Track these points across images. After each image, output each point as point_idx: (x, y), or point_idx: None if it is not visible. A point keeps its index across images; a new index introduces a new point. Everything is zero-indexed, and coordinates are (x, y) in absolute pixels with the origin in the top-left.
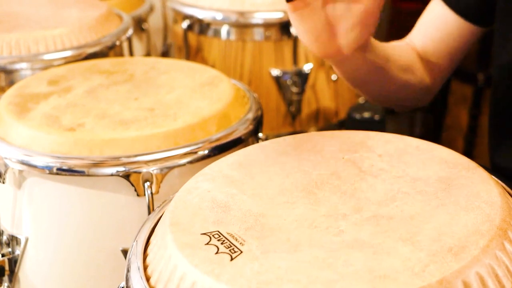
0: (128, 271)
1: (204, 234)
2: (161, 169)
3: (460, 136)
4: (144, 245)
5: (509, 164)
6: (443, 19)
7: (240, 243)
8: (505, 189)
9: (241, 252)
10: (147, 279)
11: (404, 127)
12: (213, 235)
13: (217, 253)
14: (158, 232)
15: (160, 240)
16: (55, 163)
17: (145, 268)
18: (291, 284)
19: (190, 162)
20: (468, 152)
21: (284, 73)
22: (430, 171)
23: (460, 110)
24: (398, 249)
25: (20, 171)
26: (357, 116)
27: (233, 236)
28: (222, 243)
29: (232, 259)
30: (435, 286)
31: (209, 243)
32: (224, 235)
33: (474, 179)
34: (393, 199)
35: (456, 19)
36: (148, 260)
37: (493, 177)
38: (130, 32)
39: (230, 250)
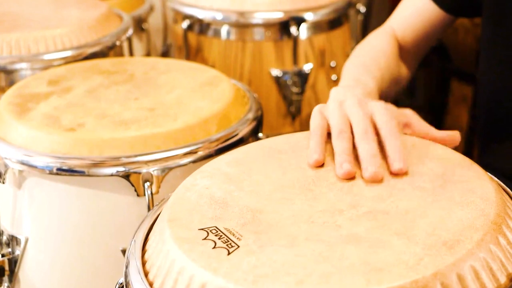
0: (126, 267)
1: (202, 229)
2: (161, 169)
3: (460, 136)
4: (142, 241)
5: (498, 165)
6: (425, 9)
7: (237, 238)
8: (499, 185)
9: (238, 246)
10: (146, 274)
11: None
12: (210, 231)
13: (214, 247)
14: (157, 228)
15: (159, 235)
16: (55, 163)
17: (143, 263)
18: (287, 277)
19: (190, 162)
20: (468, 152)
21: (284, 73)
22: (425, 168)
23: (460, 110)
24: (393, 243)
25: (20, 171)
26: None
27: (230, 231)
28: (219, 238)
29: (229, 253)
30: (429, 279)
31: (207, 238)
32: (222, 230)
33: (469, 176)
34: (388, 195)
35: (439, 12)
36: (146, 255)
37: (488, 173)
38: (130, 32)
39: (227, 245)
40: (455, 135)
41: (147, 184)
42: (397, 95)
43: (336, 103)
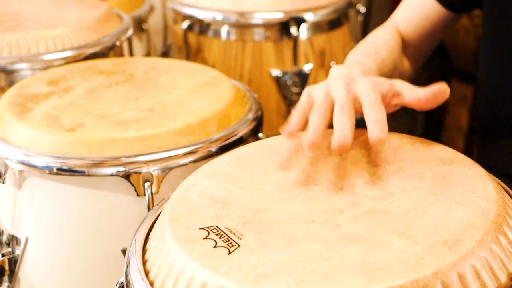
0: (127, 266)
1: (203, 228)
2: (161, 169)
3: (460, 136)
4: (143, 240)
5: (498, 164)
6: (427, 6)
7: (238, 237)
8: (500, 184)
9: (239, 246)
10: (146, 273)
11: (404, 128)
12: (211, 230)
13: (215, 247)
14: (157, 227)
15: (159, 235)
16: (55, 163)
17: (144, 263)
18: (288, 276)
19: (190, 162)
20: (468, 152)
21: (284, 73)
22: (426, 168)
23: (460, 110)
24: (393, 242)
25: (20, 171)
26: (357, 116)
27: (231, 231)
28: (220, 238)
29: (230, 252)
30: (430, 278)
31: (207, 237)
32: (222, 230)
33: (469, 175)
34: (389, 194)
35: (440, 9)
36: (147, 255)
37: (488, 173)
38: (130, 32)
39: (228, 244)
40: (442, 87)
41: (147, 184)
42: None
43: (323, 84)
